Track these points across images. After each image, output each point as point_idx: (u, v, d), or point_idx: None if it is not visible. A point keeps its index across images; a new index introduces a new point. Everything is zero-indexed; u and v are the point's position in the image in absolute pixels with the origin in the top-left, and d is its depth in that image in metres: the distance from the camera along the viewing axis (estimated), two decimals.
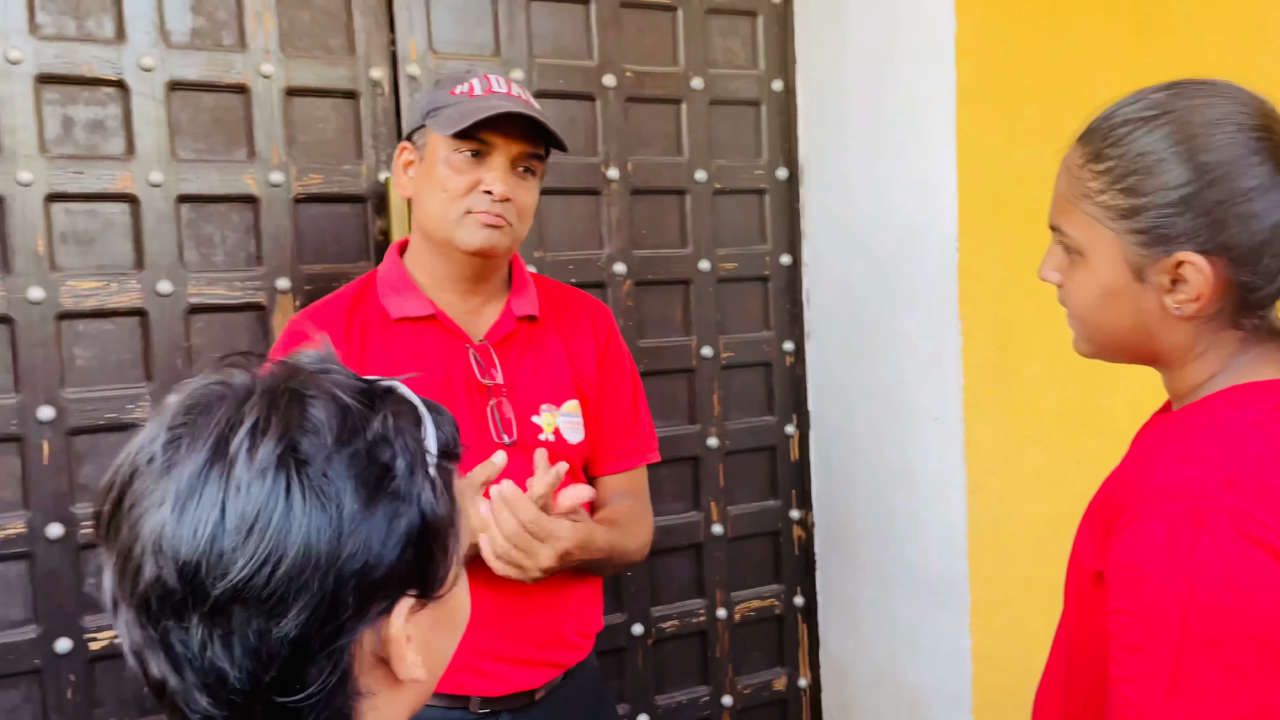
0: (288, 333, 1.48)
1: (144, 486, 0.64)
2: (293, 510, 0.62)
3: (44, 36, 1.70)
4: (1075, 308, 1.01)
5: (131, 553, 0.63)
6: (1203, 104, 0.93)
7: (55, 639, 1.73)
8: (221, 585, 0.61)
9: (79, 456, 1.75)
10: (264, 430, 0.63)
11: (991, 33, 1.96)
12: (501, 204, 1.40)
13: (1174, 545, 0.85)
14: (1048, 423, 2.03)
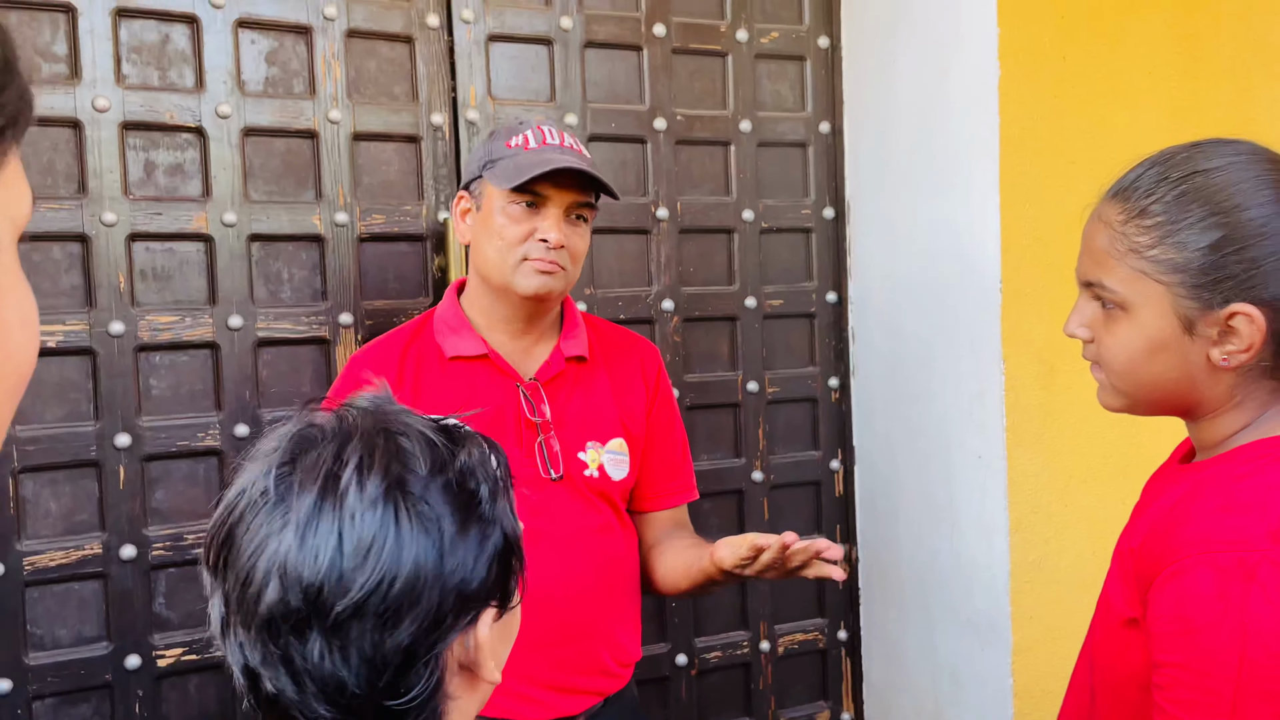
0: (348, 369, 1.56)
1: (259, 520, 0.71)
2: (402, 535, 0.70)
3: (129, 86, 1.82)
4: (1116, 362, 1.01)
5: (251, 579, 0.70)
6: (1241, 161, 0.97)
7: (126, 655, 1.82)
8: (343, 603, 0.68)
9: (152, 481, 1.84)
10: (369, 466, 0.71)
11: (1035, 78, 1.99)
12: (556, 251, 1.47)
13: (1225, 598, 0.86)
14: (1091, 463, 2.04)
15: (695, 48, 2.25)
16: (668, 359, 2.23)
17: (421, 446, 0.74)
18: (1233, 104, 2.17)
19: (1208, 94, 2.15)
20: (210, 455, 1.88)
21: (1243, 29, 2.19)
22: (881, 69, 2.24)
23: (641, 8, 2.20)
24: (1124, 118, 2.05)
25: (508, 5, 2.09)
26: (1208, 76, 2.15)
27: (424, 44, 2.02)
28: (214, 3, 1.85)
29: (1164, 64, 2.11)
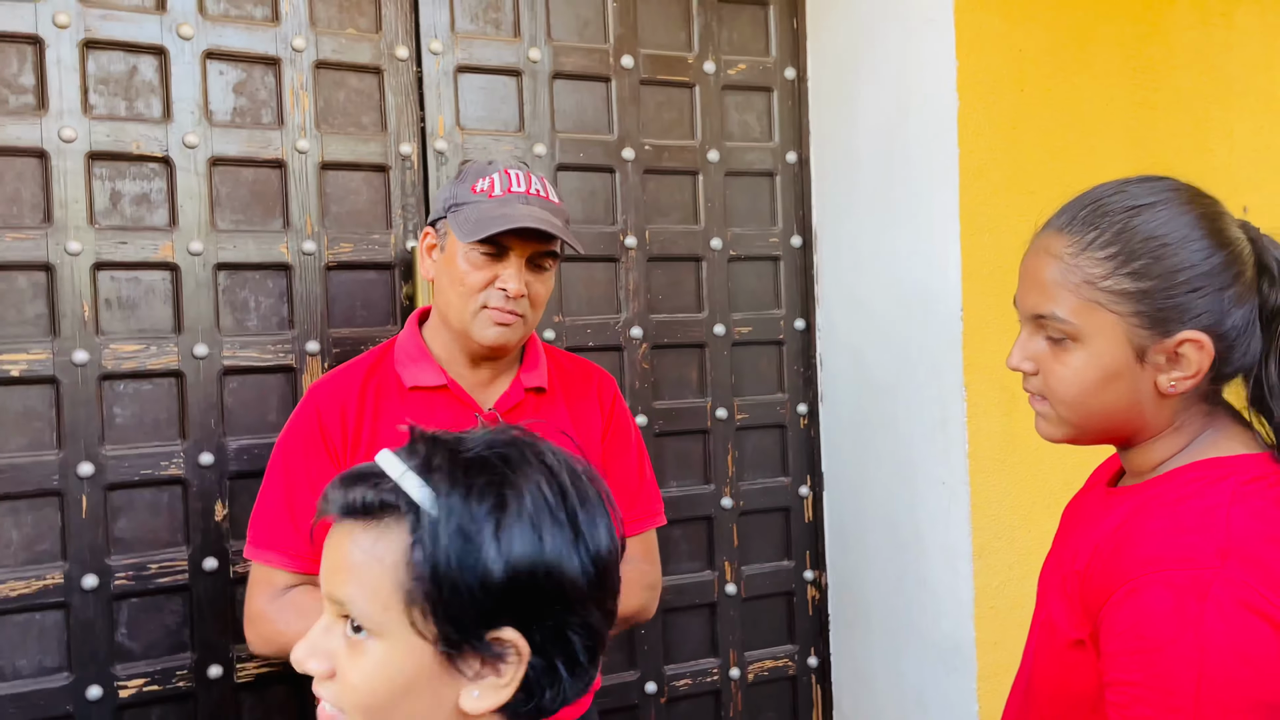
0: (307, 398, 1.57)
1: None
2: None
3: (96, 116, 1.83)
4: (1065, 392, 1.02)
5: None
6: (1173, 197, 1.00)
7: (87, 686, 1.80)
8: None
9: (115, 511, 1.84)
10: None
11: (994, 109, 2.03)
12: (515, 300, 1.48)
13: (1181, 616, 0.88)
14: (1053, 489, 2.06)
15: (663, 79, 2.28)
16: (636, 386, 2.24)
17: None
18: (1189, 134, 2.22)
19: (1164, 125, 2.19)
20: (174, 484, 1.87)
21: (1198, 61, 2.24)
22: (846, 100, 2.28)
23: (609, 40, 2.23)
24: (1081, 148, 2.09)
25: (476, 37, 2.11)
26: (1164, 108, 2.20)
27: (393, 75, 2.04)
28: (182, 34, 1.87)
29: (1121, 96, 2.15)
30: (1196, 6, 2.24)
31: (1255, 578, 0.88)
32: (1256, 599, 0.87)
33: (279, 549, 1.52)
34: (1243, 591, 0.87)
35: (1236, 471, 0.97)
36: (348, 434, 1.53)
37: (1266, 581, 0.88)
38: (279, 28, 1.95)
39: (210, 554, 1.88)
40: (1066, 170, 2.05)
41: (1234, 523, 0.92)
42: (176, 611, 1.88)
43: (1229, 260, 0.97)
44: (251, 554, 1.55)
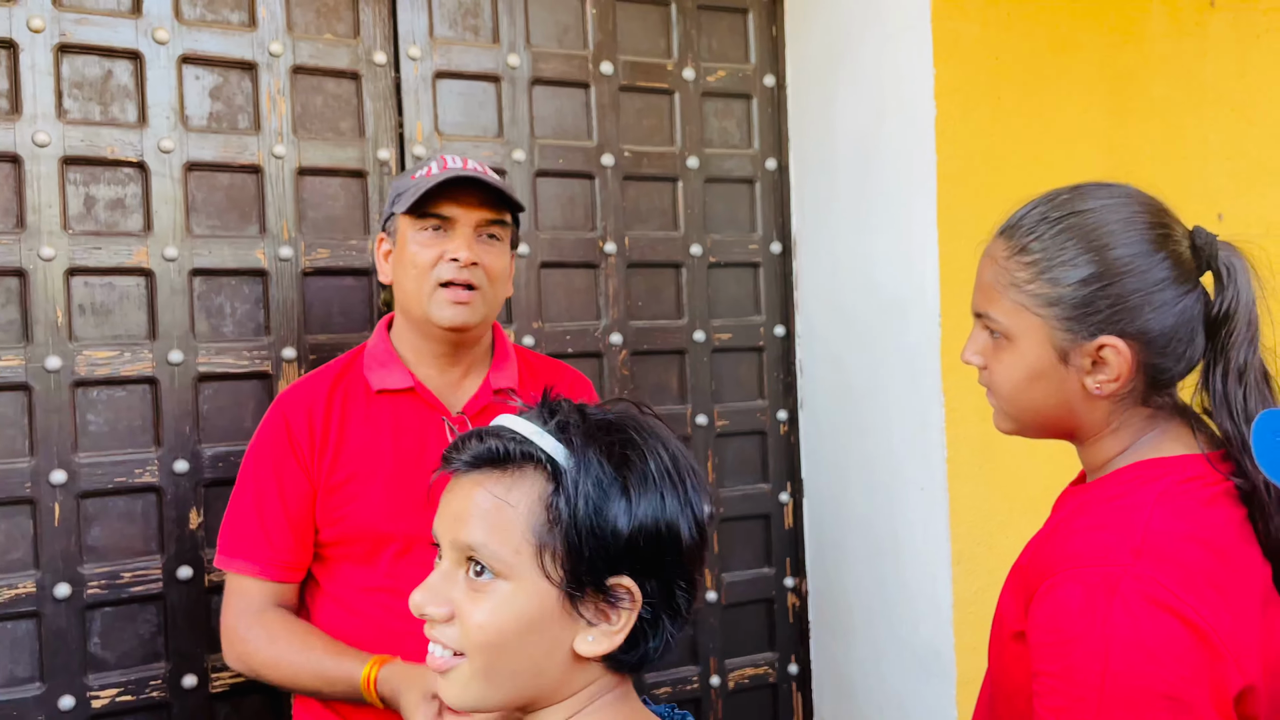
0: (275, 406, 1.57)
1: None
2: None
3: (70, 121, 1.82)
4: (1001, 388, 1.08)
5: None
6: (1113, 203, 1.03)
7: (59, 696, 1.78)
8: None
9: (88, 519, 1.82)
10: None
11: (971, 117, 2.04)
12: (469, 270, 1.48)
13: (1090, 611, 0.91)
14: (1031, 494, 2.06)
15: (642, 85, 2.28)
16: (616, 392, 2.24)
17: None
18: (1163, 142, 2.24)
19: (1138, 132, 2.21)
20: (149, 492, 1.85)
21: (1172, 69, 2.26)
22: (825, 107, 2.29)
23: (589, 46, 2.23)
24: (1057, 155, 2.10)
25: (455, 42, 2.11)
26: (1138, 115, 2.21)
27: (371, 80, 2.03)
28: (158, 39, 1.86)
29: (1096, 103, 2.17)
30: (1171, 15, 2.26)
31: (1166, 575, 0.91)
32: (1165, 595, 0.90)
33: (250, 558, 1.52)
34: (1150, 588, 0.90)
35: (1171, 473, 1.00)
36: (315, 440, 1.53)
37: (1177, 578, 0.91)
38: (256, 32, 1.94)
39: (185, 563, 1.87)
40: (1043, 177, 2.03)
41: (1153, 522, 0.95)
42: (150, 621, 1.86)
43: (1156, 268, 1.00)
44: (222, 563, 1.55)
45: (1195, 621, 0.89)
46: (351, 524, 1.52)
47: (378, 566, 1.52)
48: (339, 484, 1.53)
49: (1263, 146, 2.36)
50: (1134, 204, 1.03)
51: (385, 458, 1.53)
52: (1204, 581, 0.92)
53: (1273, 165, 2.37)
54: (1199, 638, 0.89)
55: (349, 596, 1.53)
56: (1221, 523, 0.97)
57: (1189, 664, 0.88)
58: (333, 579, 1.55)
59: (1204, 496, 0.98)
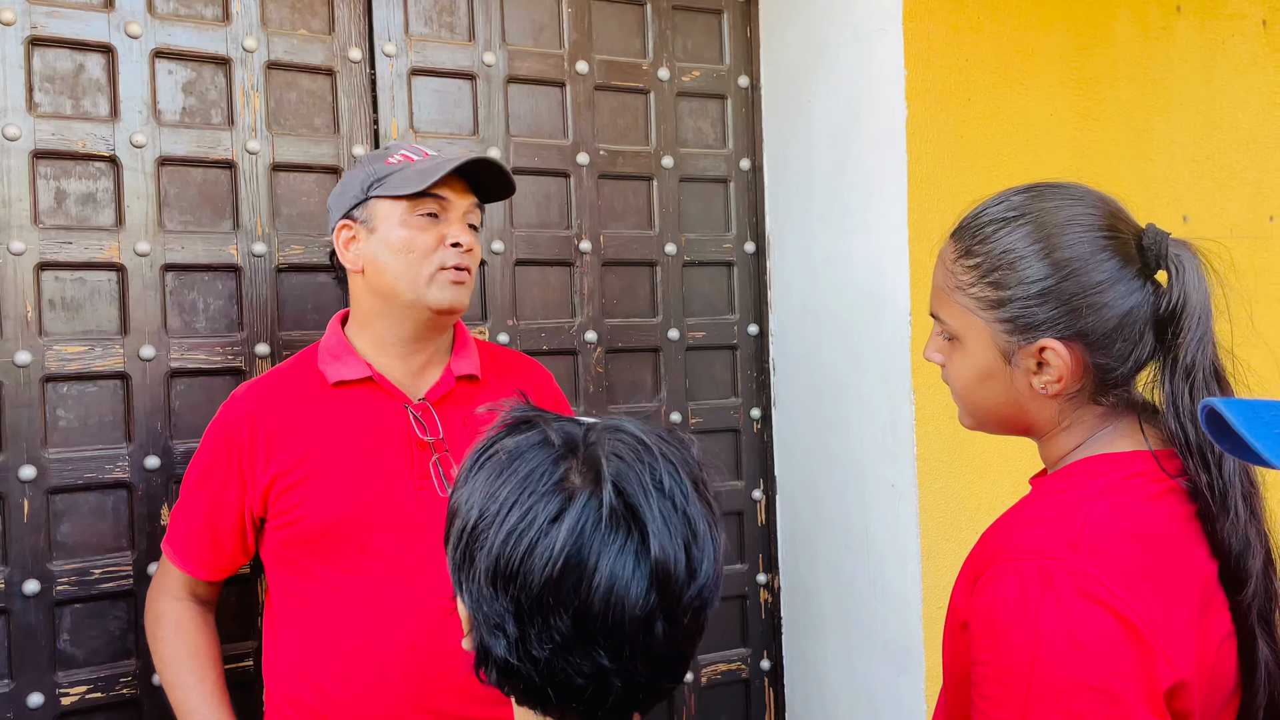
0: (227, 406, 1.58)
1: (611, 537, 0.78)
2: (717, 527, 0.83)
3: (41, 114, 1.80)
4: (955, 386, 1.11)
5: (615, 589, 0.77)
6: (1056, 205, 1.04)
7: (28, 694, 1.77)
8: (692, 590, 0.79)
9: (58, 515, 1.81)
10: (677, 474, 0.81)
11: (941, 119, 2.06)
12: (467, 254, 1.50)
13: (1024, 602, 0.92)
14: (999, 491, 2.09)
15: (618, 85, 2.29)
16: (590, 390, 2.25)
17: (677, 447, 0.84)
18: (1130, 144, 2.27)
19: (1106, 135, 2.24)
20: (119, 488, 1.85)
21: (1139, 73, 2.29)
22: (799, 108, 2.31)
23: (564, 45, 2.24)
24: (1027, 157, 2.13)
25: (430, 40, 2.11)
26: (1106, 118, 2.25)
27: (346, 77, 2.03)
28: (130, 33, 1.85)
29: (1064, 107, 2.20)
30: (1138, 20, 2.30)
31: (1099, 568, 0.92)
32: (1097, 588, 0.90)
33: (178, 551, 1.60)
34: (1082, 581, 0.91)
35: (1117, 468, 1.01)
36: (259, 441, 1.53)
37: (1111, 572, 0.92)
38: (230, 27, 1.94)
39: (156, 559, 1.86)
40: (1012, 178, 2.06)
41: (1092, 516, 0.96)
42: (120, 618, 1.85)
43: (1097, 269, 1.00)
44: (164, 544, 1.63)
45: (1127, 615, 0.90)
46: (310, 522, 1.51)
47: (339, 561, 1.51)
48: (295, 482, 1.51)
49: (1227, 150, 2.40)
50: (1081, 205, 1.03)
51: (345, 449, 1.52)
52: (1139, 576, 0.92)
53: (1237, 168, 2.41)
54: (1130, 632, 0.89)
55: (315, 593, 1.52)
56: (1163, 519, 0.97)
57: (1119, 658, 0.89)
58: (297, 577, 1.54)
59: (1148, 492, 0.98)
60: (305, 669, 1.52)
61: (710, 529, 0.81)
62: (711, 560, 0.80)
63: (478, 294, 2.15)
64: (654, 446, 0.81)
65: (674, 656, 0.79)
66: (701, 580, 0.79)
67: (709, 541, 0.80)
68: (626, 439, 0.81)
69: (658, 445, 0.81)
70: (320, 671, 1.50)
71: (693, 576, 0.78)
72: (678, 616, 0.78)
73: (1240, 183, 2.41)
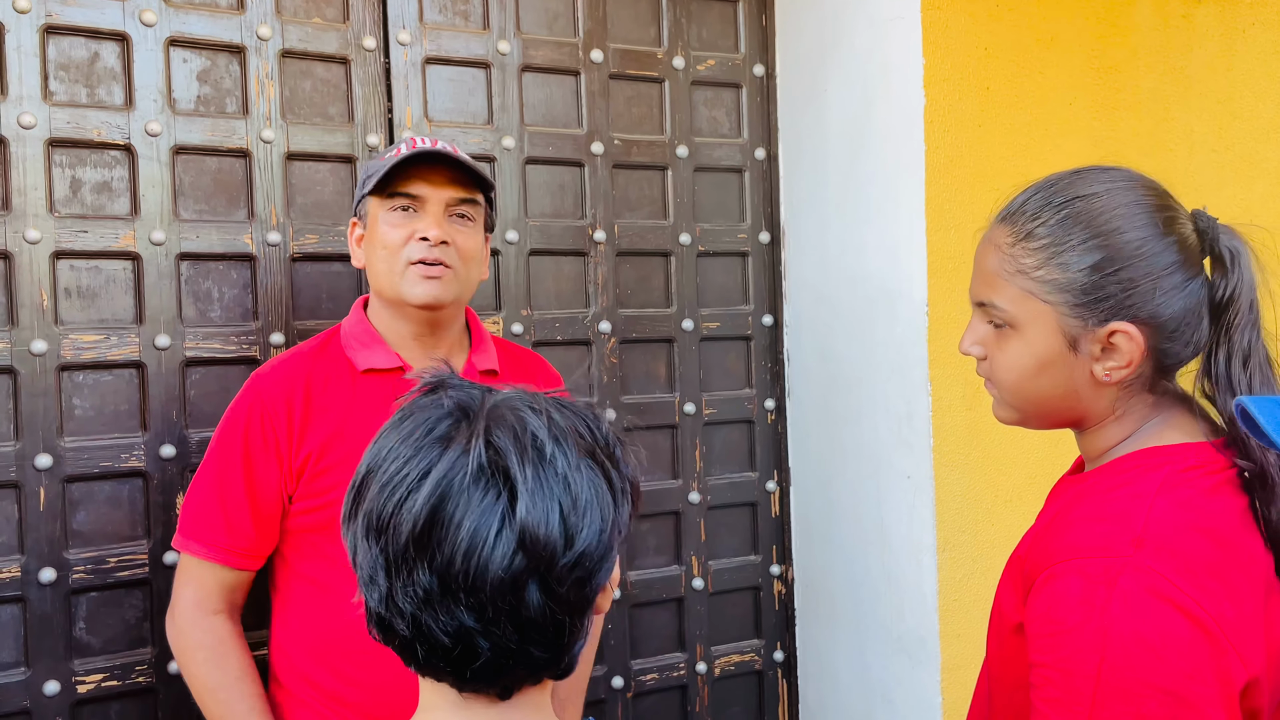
0: (249, 386, 1.56)
1: (478, 493, 0.77)
2: (601, 493, 0.81)
3: (56, 103, 1.80)
4: (1006, 377, 1.06)
5: (477, 547, 0.76)
6: (1118, 186, 1.01)
7: (44, 682, 1.77)
8: (567, 556, 0.77)
9: (73, 503, 1.81)
10: (562, 437, 0.80)
11: (959, 107, 2.04)
12: (440, 249, 1.48)
13: (1089, 602, 0.90)
14: (1016, 482, 2.08)
15: (632, 73, 2.28)
16: (605, 380, 2.24)
17: (576, 418, 0.83)
18: (1150, 134, 2.25)
19: (1126, 124, 2.22)
20: (135, 476, 1.85)
21: (1159, 61, 2.27)
22: (814, 97, 2.29)
23: (579, 34, 2.23)
24: (1045, 146, 2.12)
25: (445, 28, 2.10)
26: (1126, 107, 2.22)
27: (360, 65, 2.03)
28: (145, 21, 1.85)
29: (1084, 95, 2.18)
30: (1158, 7, 2.27)
31: (1167, 566, 0.90)
32: (1166, 587, 0.88)
33: (206, 541, 1.52)
34: (1151, 579, 0.89)
35: (1172, 461, 0.98)
36: (294, 423, 1.51)
37: (1180, 570, 0.89)
38: (244, 15, 1.93)
39: (171, 548, 1.86)
40: (1031, 168, 2.07)
41: (1155, 512, 0.93)
42: (136, 606, 1.85)
43: (1166, 252, 0.98)
44: (179, 544, 1.55)
45: (1197, 614, 0.88)
46: (337, 509, 1.50)
47: None
48: (327, 468, 1.51)
49: (1247, 139, 2.38)
50: (1138, 188, 1.01)
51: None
52: (1206, 573, 0.90)
53: (1257, 158, 2.39)
54: (1202, 631, 0.87)
55: (334, 580, 1.52)
56: (1223, 512, 0.95)
57: (1190, 659, 0.87)
58: (316, 565, 1.54)
59: (1205, 485, 0.96)
60: (321, 652, 1.52)
61: (598, 499, 0.79)
62: (596, 531, 0.78)
63: (492, 284, 2.14)
64: (543, 411, 0.81)
65: (550, 625, 0.78)
66: (580, 548, 0.77)
67: (594, 511, 0.79)
68: (517, 404, 0.81)
69: (550, 411, 0.81)
70: (337, 655, 1.51)
71: (569, 544, 0.77)
72: (551, 584, 0.77)
73: (1260, 172, 2.39)
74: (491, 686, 0.81)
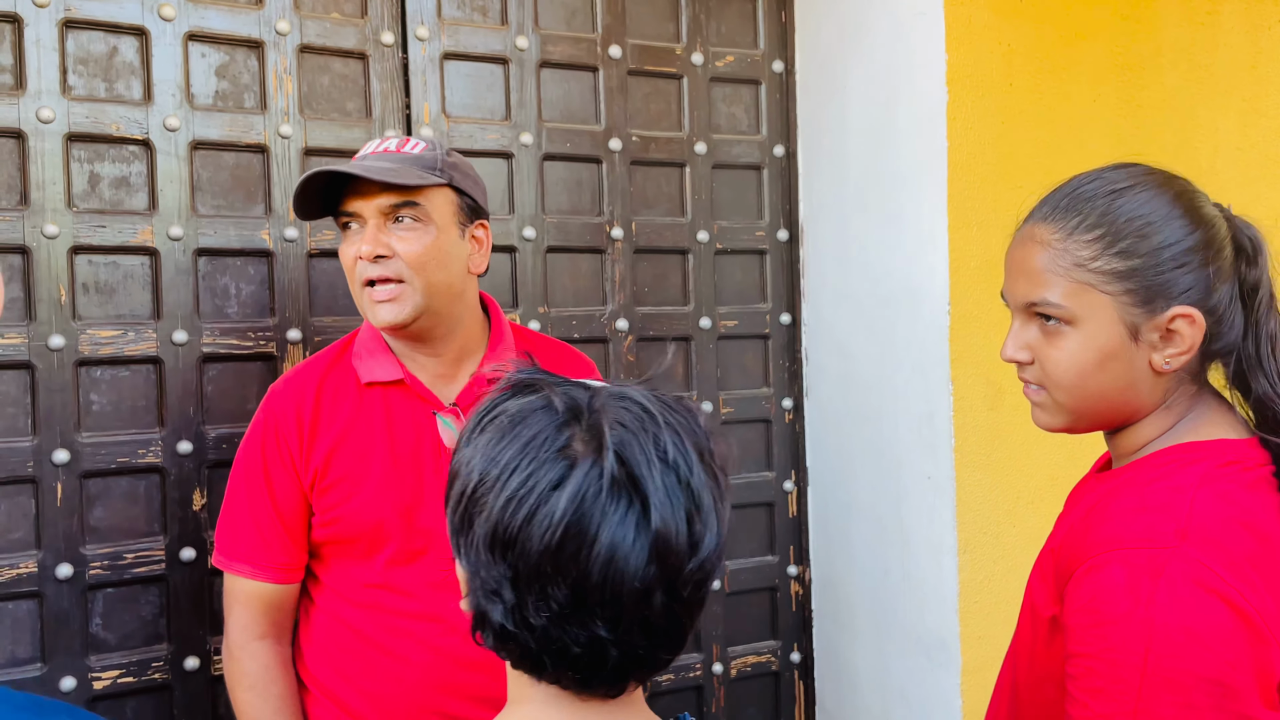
0: (267, 401, 1.54)
1: (611, 505, 0.76)
2: (722, 500, 0.81)
3: (75, 97, 1.80)
4: (1065, 376, 1.03)
5: (616, 558, 0.75)
6: (1152, 180, 1.02)
7: (61, 678, 1.77)
8: (693, 563, 0.77)
9: (90, 499, 1.81)
10: (682, 443, 0.79)
11: (982, 104, 2.02)
12: (381, 263, 1.40)
13: (1134, 593, 0.90)
14: (1037, 484, 2.06)
15: (651, 70, 2.27)
16: (622, 378, 2.23)
17: (683, 415, 0.81)
18: (1175, 132, 2.22)
19: (1150, 122, 2.20)
20: (152, 472, 1.84)
21: (1184, 59, 2.24)
22: (834, 94, 2.27)
23: (597, 29, 2.22)
24: (1069, 144, 2.09)
25: (463, 23, 2.09)
26: (1150, 106, 2.20)
27: (378, 61, 2.02)
28: (163, 15, 1.84)
29: (1108, 93, 2.15)
30: (1183, 4, 2.25)
31: (1212, 557, 0.90)
32: (1211, 578, 0.89)
33: (248, 560, 1.50)
34: (1197, 570, 0.89)
35: (1212, 455, 0.99)
36: (304, 437, 1.49)
37: (1223, 562, 0.90)
38: (262, 10, 1.92)
39: (188, 544, 1.85)
40: (1054, 166, 2.04)
41: (1197, 504, 0.94)
42: (152, 602, 1.85)
43: (1209, 237, 1.00)
44: (221, 564, 1.54)
45: (1241, 606, 0.88)
46: (347, 523, 1.48)
47: (374, 565, 1.49)
48: (333, 482, 1.49)
49: (1272, 138, 2.35)
50: (1174, 181, 1.03)
51: (378, 454, 1.48)
52: (1248, 565, 0.91)
53: None
54: (1245, 622, 0.88)
55: (347, 590, 1.51)
56: (1262, 508, 0.95)
57: (1234, 648, 0.87)
58: (329, 573, 1.53)
59: (1245, 480, 0.96)
60: (335, 660, 1.51)
61: (715, 501, 0.80)
62: (715, 534, 0.79)
63: (507, 281, 2.13)
64: (659, 415, 0.79)
65: (673, 628, 0.78)
66: (704, 554, 0.78)
67: (713, 514, 0.79)
68: (632, 406, 0.79)
69: (663, 414, 0.79)
70: (349, 663, 1.49)
71: (694, 549, 0.77)
72: (677, 589, 0.77)
73: None
74: (613, 689, 0.80)
